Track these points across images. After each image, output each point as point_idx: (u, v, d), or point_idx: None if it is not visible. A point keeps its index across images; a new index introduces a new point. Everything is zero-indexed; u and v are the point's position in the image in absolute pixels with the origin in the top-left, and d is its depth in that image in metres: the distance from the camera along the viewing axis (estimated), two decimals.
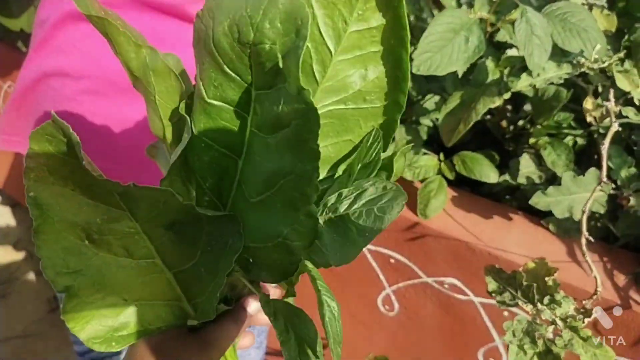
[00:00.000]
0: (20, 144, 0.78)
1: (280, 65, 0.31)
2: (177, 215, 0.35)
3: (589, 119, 0.66)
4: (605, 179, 0.61)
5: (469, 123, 0.75)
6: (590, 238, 0.64)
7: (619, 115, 0.77)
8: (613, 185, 0.84)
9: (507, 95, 0.81)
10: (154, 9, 0.67)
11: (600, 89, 0.89)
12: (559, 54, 0.80)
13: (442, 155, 0.96)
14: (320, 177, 0.38)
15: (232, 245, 0.36)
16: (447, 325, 1.00)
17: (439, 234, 0.92)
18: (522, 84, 0.72)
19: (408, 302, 1.03)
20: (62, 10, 0.68)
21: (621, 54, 0.74)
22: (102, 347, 0.37)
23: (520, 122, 0.92)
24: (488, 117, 0.95)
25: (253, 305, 0.45)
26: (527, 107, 0.97)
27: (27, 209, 0.33)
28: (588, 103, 0.66)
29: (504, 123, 0.94)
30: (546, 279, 0.62)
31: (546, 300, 0.61)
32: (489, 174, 0.90)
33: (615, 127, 0.64)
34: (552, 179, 0.88)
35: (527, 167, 0.90)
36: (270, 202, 0.35)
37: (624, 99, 0.79)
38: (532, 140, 0.89)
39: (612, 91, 0.67)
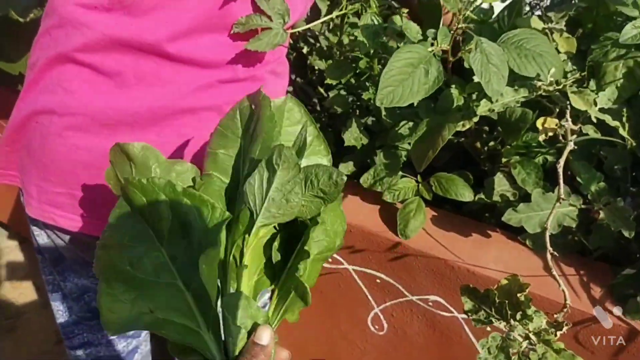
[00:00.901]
0: (14, 177, 0.82)
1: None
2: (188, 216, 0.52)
3: (541, 137, 0.70)
4: (563, 196, 0.64)
5: (436, 149, 0.79)
6: (555, 253, 0.66)
7: (580, 133, 0.81)
8: (583, 200, 0.87)
9: (476, 119, 0.85)
10: (134, 49, 0.72)
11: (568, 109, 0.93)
12: (521, 79, 0.84)
13: (419, 177, 1.00)
14: None
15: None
16: (434, 341, 1.02)
17: (419, 253, 0.95)
18: (482, 109, 0.76)
19: (396, 320, 1.06)
20: (49, 55, 0.74)
21: (577, 75, 0.78)
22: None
23: (492, 143, 0.96)
24: (462, 139, 0.99)
25: (264, 337, 0.46)
26: None
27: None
28: (545, 122, 0.70)
29: (478, 144, 0.98)
30: (518, 295, 0.64)
31: (518, 316, 0.63)
32: (463, 193, 0.94)
33: (570, 145, 0.67)
34: (525, 197, 0.91)
35: (501, 185, 0.94)
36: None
37: (585, 116, 0.83)
38: (504, 160, 0.93)
39: (568, 111, 0.70)
